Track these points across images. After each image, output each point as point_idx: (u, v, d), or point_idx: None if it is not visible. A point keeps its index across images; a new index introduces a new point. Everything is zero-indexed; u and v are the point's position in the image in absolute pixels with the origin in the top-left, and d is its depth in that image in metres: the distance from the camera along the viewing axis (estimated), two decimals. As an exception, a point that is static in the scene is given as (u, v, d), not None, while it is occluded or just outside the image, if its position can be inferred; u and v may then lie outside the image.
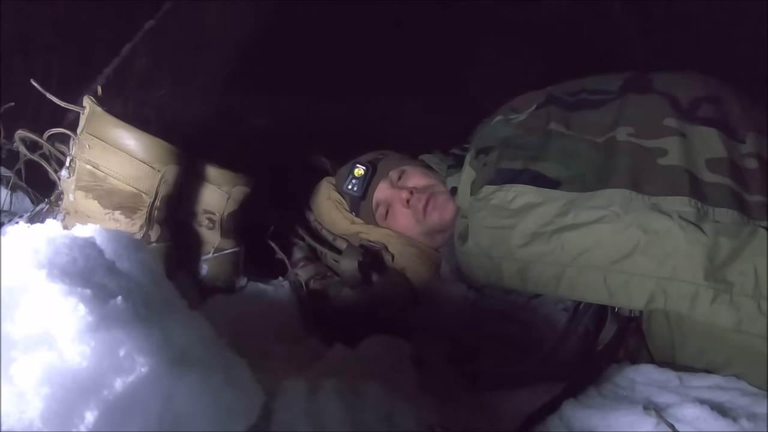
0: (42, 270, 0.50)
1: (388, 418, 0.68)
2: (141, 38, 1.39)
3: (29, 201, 1.26)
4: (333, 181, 1.45)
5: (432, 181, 1.32)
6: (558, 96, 1.19)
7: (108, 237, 0.60)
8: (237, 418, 0.54)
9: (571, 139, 1.08)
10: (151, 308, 0.54)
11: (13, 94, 1.21)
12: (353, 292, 1.18)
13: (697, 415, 0.75)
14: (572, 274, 0.95)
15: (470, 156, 1.18)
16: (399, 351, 0.91)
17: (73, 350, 0.46)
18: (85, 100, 1.02)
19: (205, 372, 0.53)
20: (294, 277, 1.24)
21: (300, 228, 1.37)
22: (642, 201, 0.93)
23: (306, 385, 0.66)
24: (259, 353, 0.86)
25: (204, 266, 1.14)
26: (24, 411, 0.43)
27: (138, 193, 1.02)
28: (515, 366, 0.99)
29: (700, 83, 1.11)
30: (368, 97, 1.72)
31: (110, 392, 0.46)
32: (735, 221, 0.89)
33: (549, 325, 1.05)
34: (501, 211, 1.02)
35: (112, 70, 1.34)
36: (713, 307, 0.86)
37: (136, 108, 1.21)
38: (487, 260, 1.04)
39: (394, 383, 0.77)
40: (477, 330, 1.08)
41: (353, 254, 1.22)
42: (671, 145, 0.99)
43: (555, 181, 1.01)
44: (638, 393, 0.87)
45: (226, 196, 1.13)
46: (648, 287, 0.90)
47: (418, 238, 1.31)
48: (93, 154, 1.01)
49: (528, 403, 0.83)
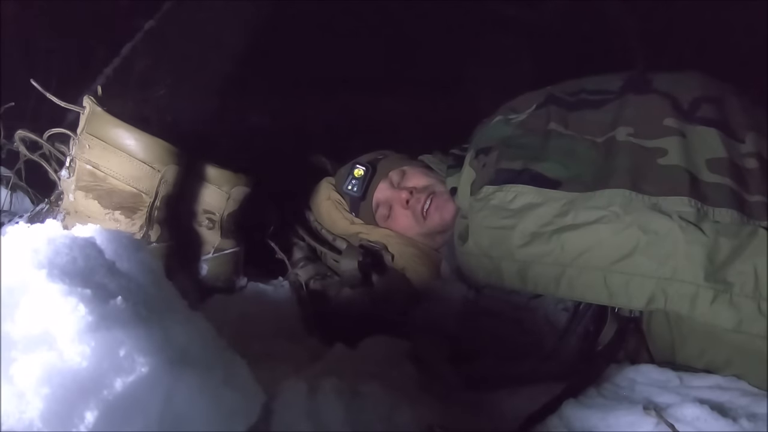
0: (42, 270, 0.50)
1: (388, 418, 0.68)
2: (141, 38, 1.39)
3: (29, 201, 1.26)
4: (333, 181, 1.45)
5: (432, 181, 1.32)
6: (558, 96, 1.19)
7: (108, 237, 0.60)
8: (237, 418, 0.54)
9: (571, 139, 1.08)
10: (151, 308, 0.54)
11: (13, 94, 1.21)
12: (353, 293, 1.19)
13: (697, 415, 0.75)
14: (572, 275, 0.95)
15: (470, 156, 1.18)
16: (399, 351, 0.91)
17: (73, 350, 0.46)
18: (85, 100, 1.02)
19: (205, 372, 0.53)
20: (294, 277, 1.24)
21: (300, 228, 1.37)
22: (642, 201, 0.93)
23: (306, 385, 0.66)
24: (259, 353, 0.86)
25: (204, 266, 1.14)
26: (24, 411, 0.43)
27: (138, 193, 1.02)
28: (515, 366, 0.99)
29: (700, 83, 1.11)
30: (368, 96, 1.72)
31: (110, 392, 0.46)
32: (735, 221, 0.88)
33: (549, 325, 1.05)
34: (501, 212, 1.02)
35: (112, 70, 1.34)
36: (713, 308, 0.86)
37: (136, 108, 1.21)
38: (487, 260, 1.04)
39: (394, 383, 0.77)
40: (477, 330, 1.08)
41: (353, 254, 1.22)
42: (671, 145, 0.99)
43: (555, 181, 1.01)
44: (638, 393, 0.87)
45: (226, 196, 1.13)
46: (648, 288, 0.90)
47: (418, 238, 1.31)
48: (93, 154, 1.01)
49: (528, 403, 0.83)
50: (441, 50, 1.87)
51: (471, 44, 1.88)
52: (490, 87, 1.55)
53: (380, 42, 1.82)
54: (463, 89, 1.84)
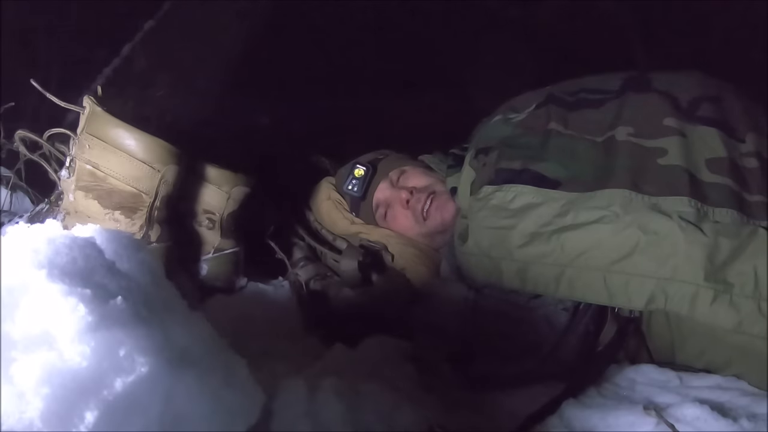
0: (42, 270, 0.50)
1: (388, 418, 0.68)
2: (141, 38, 1.39)
3: (29, 201, 1.26)
4: (333, 181, 1.45)
5: (432, 181, 1.32)
6: (558, 95, 1.19)
7: (108, 237, 0.60)
8: (237, 418, 0.54)
9: (571, 138, 1.08)
10: (151, 308, 0.54)
11: (13, 94, 1.21)
12: (353, 292, 1.18)
13: (697, 415, 0.75)
14: (572, 275, 0.95)
15: (470, 156, 1.18)
16: (399, 351, 0.91)
17: (73, 350, 0.46)
18: (85, 100, 1.02)
19: (205, 372, 0.53)
20: (294, 277, 1.24)
21: (300, 228, 1.37)
22: (642, 201, 0.93)
23: (306, 385, 0.66)
24: (259, 353, 0.86)
25: (204, 266, 1.14)
26: (24, 411, 0.43)
27: (138, 193, 1.02)
28: (515, 366, 0.99)
29: (700, 83, 1.11)
30: (368, 96, 1.72)
31: (110, 392, 0.46)
32: (735, 221, 0.88)
33: (549, 325, 1.05)
34: (501, 212, 1.02)
35: (112, 70, 1.34)
36: (713, 308, 0.86)
37: (136, 108, 1.21)
38: (486, 260, 1.04)
39: (394, 383, 0.77)
40: (477, 330, 1.08)
41: (353, 254, 1.22)
42: (671, 145, 0.99)
43: (554, 181, 1.01)
44: (638, 393, 0.87)
45: (226, 196, 1.13)
46: (648, 288, 0.90)
47: (418, 238, 1.31)
48: (93, 154, 1.01)
49: (528, 403, 0.83)
50: (441, 50, 1.87)
51: (471, 44, 1.88)
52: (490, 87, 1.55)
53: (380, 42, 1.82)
54: (462, 89, 1.84)
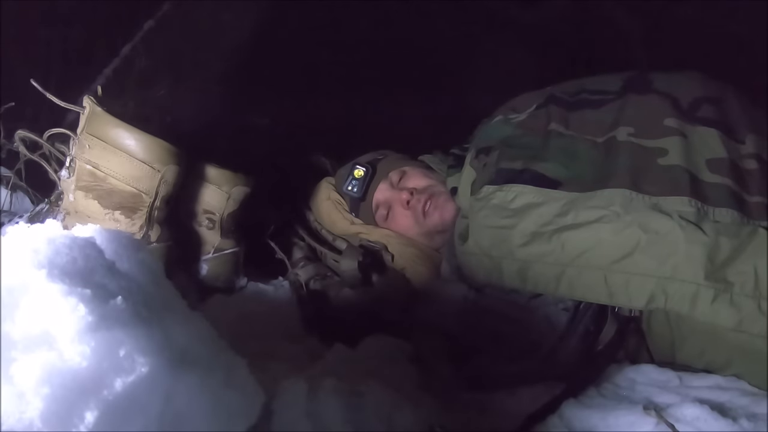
0: (42, 270, 0.50)
1: (388, 418, 0.68)
2: (141, 38, 1.39)
3: (29, 201, 1.26)
4: (333, 182, 1.45)
5: (432, 181, 1.32)
6: (558, 96, 1.19)
7: (108, 237, 0.60)
8: (237, 418, 0.54)
9: (572, 139, 1.08)
10: (151, 308, 0.54)
11: (13, 94, 1.21)
12: (353, 293, 1.18)
13: (697, 415, 0.75)
14: (572, 274, 0.95)
15: (470, 156, 1.18)
16: (399, 351, 0.91)
17: (73, 350, 0.46)
18: (85, 100, 1.02)
19: (205, 372, 0.52)
20: (294, 277, 1.24)
21: (300, 228, 1.37)
22: (642, 201, 0.93)
23: (306, 385, 0.66)
24: (259, 353, 0.86)
25: (204, 266, 1.14)
26: (24, 411, 0.43)
27: (138, 193, 1.02)
28: (515, 366, 0.98)
29: (700, 83, 1.11)
30: (368, 97, 1.72)
31: (110, 392, 0.46)
32: (735, 221, 0.89)
33: (549, 325, 1.05)
34: (501, 211, 1.02)
35: (112, 70, 1.34)
36: (713, 307, 0.86)
37: (136, 108, 1.21)
38: (487, 260, 1.04)
39: (394, 383, 0.77)
40: (477, 330, 1.08)
41: (353, 254, 1.22)
42: (671, 145, 0.99)
43: (555, 181, 1.01)
44: (638, 393, 0.87)
45: (226, 196, 1.13)
46: (648, 287, 0.90)
47: (419, 238, 1.31)
48: (93, 154, 1.01)
49: (528, 403, 0.83)
50: (441, 50, 1.87)
51: (471, 44, 1.88)
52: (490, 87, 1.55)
53: (380, 42, 1.82)
54: (463, 89, 1.84)
